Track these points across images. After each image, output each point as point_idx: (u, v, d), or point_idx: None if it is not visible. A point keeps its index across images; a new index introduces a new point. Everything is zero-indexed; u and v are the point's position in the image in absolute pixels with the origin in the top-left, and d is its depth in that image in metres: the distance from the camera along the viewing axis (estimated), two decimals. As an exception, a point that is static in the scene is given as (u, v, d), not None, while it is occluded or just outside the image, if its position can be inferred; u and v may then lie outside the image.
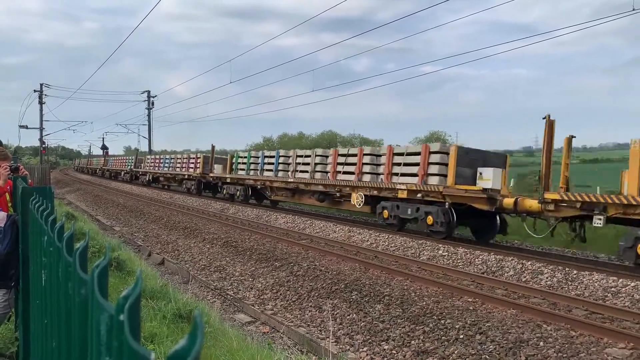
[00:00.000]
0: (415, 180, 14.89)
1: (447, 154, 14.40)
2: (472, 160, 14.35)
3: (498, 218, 14.04)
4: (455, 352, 6.52)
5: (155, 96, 55.07)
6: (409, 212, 14.79)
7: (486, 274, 10.46)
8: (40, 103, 51.23)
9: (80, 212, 22.78)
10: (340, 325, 7.73)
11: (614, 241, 12.27)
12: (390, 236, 14.35)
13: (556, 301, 8.44)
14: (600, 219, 10.58)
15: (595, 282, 9.26)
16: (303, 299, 9.13)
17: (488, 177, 13.44)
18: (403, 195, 15.04)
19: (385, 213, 15.57)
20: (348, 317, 8.01)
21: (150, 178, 38.87)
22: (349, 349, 6.86)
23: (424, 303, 8.32)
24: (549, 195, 11.46)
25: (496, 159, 15.00)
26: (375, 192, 16.26)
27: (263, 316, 8.27)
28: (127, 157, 49.08)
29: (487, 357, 6.30)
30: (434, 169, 14.53)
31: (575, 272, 9.83)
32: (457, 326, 7.24)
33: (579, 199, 10.95)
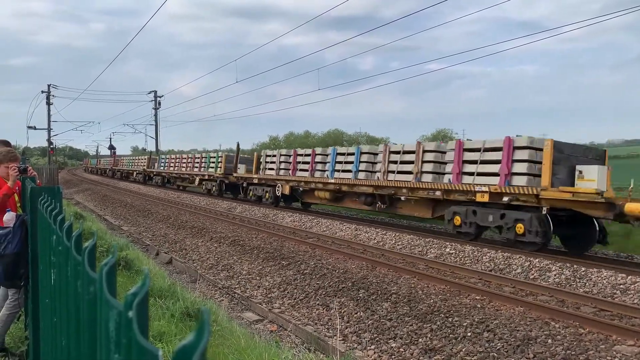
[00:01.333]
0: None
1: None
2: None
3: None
4: (463, 349, 6.51)
5: (162, 96, 55.27)
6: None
7: (494, 271, 10.43)
8: (48, 104, 51.52)
9: (89, 212, 22.91)
10: (348, 324, 7.74)
11: None
12: (396, 234, 14.33)
13: (564, 299, 8.41)
14: None
15: (604, 279, 9.21)
16: (310, 297, 9.14)
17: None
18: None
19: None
20: (355, 315, 8.02)
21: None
22: (356, 347, 6.87)
23: (431, 301, 8.31)
24: None
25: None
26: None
27: (270, 314, 8.29)
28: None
29: (495, 354, 6.28)
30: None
31: (583, 269, 9.78)
32: (464, 324, 7.23)
33: None
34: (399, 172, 15.74)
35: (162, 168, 39.05)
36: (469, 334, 6.91)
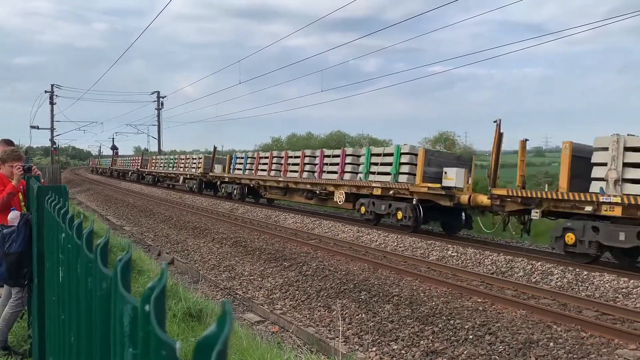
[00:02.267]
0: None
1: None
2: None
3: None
4: (465, 352, 6.51)
5: (165, 97, 55.41)
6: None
7: (496, 274, 10.43)
8: (51, 104, 51.67)
9: (91, 211, 22.95)
10: (349, 325, 7.74)
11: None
12: (399, 236, 14.34)
13: (566, 302, 8.40)
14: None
15: (606, 283, 9.20)
16: (312, 298, 9.15)
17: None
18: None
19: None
20: (357, 317, 8.02)
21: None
22: (358, 349, 6.87)
23: (433, 303, 8.31)
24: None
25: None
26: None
27: (272, 316, 8.29)
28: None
29: (497, 357, 6.28)
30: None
31: (585, 273, 9.77)
32: (466, 326, 7.23)
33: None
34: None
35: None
36: (471, 337, 6.91)
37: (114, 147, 72.46)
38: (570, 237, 10.91)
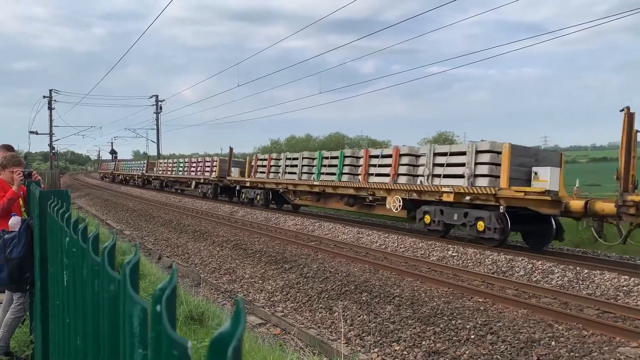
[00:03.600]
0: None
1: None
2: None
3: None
4: (467, 352, 6.51)
5: (164, 100, 55.44)
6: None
7: (496, 274, 10.44)
8: (50, 109, 51.67)
9: (91, 216, 22.94)
10: (351, 327, 7.74)
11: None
12: (399, 237, 14.34)
13: (567, 301, 8.41)
14: None
15: (607, 281, 9.21)
16: (313, 300, 9.15)
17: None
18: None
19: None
20: (359, 318, 8.03)
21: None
22: (360, 350, 6.87)
23: (435, 303, 8.32)
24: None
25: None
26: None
27: (274, 318, 8.30)
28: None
29: (499, 357, 6.29)
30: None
31: (586, 271, 9.79)
32: (468, 326, 7.23)
33: None
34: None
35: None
36: (473, 337, 6.92)
37: (112, 152, 72.47)
38: None
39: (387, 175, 16.09)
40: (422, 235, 14.81)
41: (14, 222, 4.61)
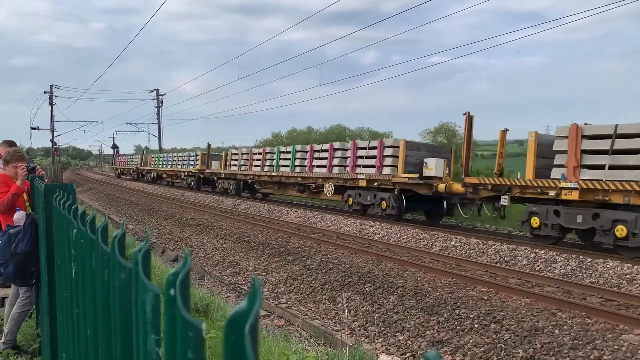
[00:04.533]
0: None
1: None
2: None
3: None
4: (470, 341, 6.55)
5: (164, 94, 55.41)
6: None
7: (499, 263, 10.46)
8: (51, 104, 51.69)
9: (95, 212, 22.97)
10: (355, 317, 7.78)
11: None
12: (402, 228, 14.37)
13: (570, 289, 8.43)
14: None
15: (610, 269, 9.23)
16: (317, 292, 9.19)
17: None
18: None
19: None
20: (362, 309, 8.06)
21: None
22: (364, 340, 6.91)
23: (438, 294, 8.35)
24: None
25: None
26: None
27: (278, 310, 8.34)
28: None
29: (502, 345, 6.32)
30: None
31: (589, 260, 9.80)
32: (471, 316, 7.26)
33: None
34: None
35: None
36: (476, 326, 6.95)
37: (114, 146, 72.54)
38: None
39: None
40: (425, 227, 14.86)
41: (19, 216, 4.63)
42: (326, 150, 19.75)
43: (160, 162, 39.39)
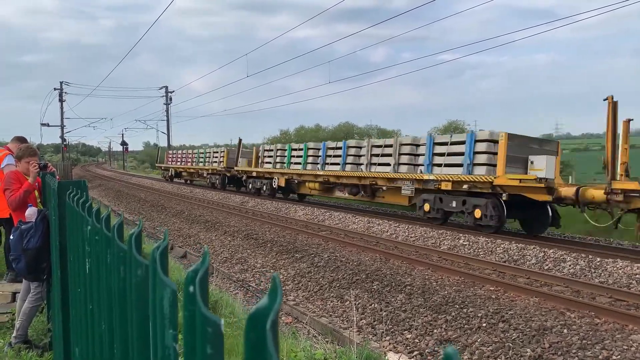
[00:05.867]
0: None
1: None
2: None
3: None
4: (478, 340, 6.54)
5: (173, 92, 55.58)
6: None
7: (508, 262, 10.43)
8: (61, 101, 52.02)
9: (103, 207, 23.15)
10: (362, 315, 7.79)
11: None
12: (409, 226, 14.36)
13: (579, 289, 8.40)
14: None
15: (620, 269, 9.18)
16: (325, 289, 9.21)
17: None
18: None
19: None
20: (370, 307, 8.07)
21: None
22: (371, 338, 6.92)
23: (446, 292, 8.34)
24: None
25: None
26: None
27: (286, 307, 8.36)
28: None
29: (510, 344, 6.31)
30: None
31: (598, 259, 9.75)
32: (479, 315, 7.25)
33: None
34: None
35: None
36: (484, 325, 6.94)
37: (123, 143, 72.90)
38: None
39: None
40: (433, 225, 14.80)
41: (31, 212, 4.69)
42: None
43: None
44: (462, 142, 14.21)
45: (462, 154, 14.07)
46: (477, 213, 13.27)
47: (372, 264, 10.37)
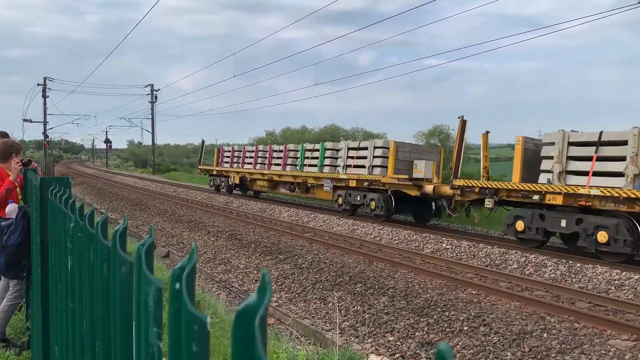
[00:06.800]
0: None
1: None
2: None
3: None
4: (460, 343, 6.58)
5: (159, 90, 55.22)
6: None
7: (490, 266, 10.52)
8: (44, 97, 51.32)
9: (86, 205, 22.85)
10: (345, 317, 7.80)
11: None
12: (393, 229, 14.42)
13: (560, 294, 8.50)
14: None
15: (599, 274, 9.31)
16: (308, 291, 9.20)
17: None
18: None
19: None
20: (353, 309, 8.08)
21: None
22: (354, 340, 6.93)
23: (428, 295, 8.39)
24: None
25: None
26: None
27: (269, 308, 8.33)
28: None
29: (491, 348, 6.36)
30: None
31: (579, 265, 9.88)
32: (461, 318, 7.30)
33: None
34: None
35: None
36: (466, 328, 6.99)
37: (107, 141, 72.13)
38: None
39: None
40: (416, 228, 14.90)
41: (11, 209, 4.61)
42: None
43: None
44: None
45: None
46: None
47: (355, 266, 10.39)
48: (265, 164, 23.13)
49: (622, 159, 10.46)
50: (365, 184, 17.06)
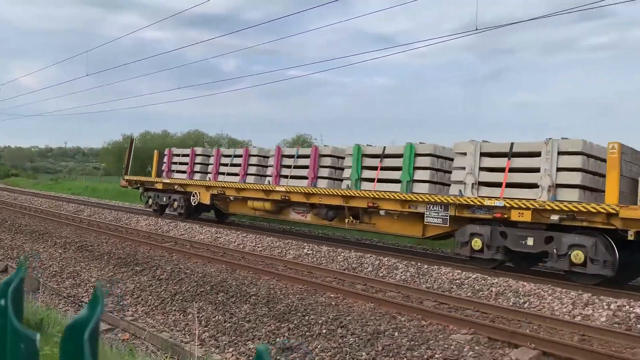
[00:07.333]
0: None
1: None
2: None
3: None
4: (319, 346, 6.77)
5: (-3, 86, 49.61)
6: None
7: (347, 270, 10.98)
8: None
9: None
10: (206, 328, 7.63)
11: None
12: (257, 236, 14.44)
13: (409, 294, 9.13)
14: None
15: (443, 275, 10.18)
16: (166, 303, 8.85)
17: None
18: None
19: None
20: (214, 319, 7.94)
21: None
22: (214, 351, 6.80)
23: (289, 300, 8.52)
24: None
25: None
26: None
27: (123, 323, 7.86)
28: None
29: (348, 349, 6.63)
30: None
31: (426, 266, 10.71)
32: (320, 321, 7.52)
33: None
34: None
35: None
36: (324, 331, 7.21)
37: None
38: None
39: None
40: (279, 235, 15.08)
41: None
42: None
43: None
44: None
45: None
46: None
47: (218, 275, 10.22)
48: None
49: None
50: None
